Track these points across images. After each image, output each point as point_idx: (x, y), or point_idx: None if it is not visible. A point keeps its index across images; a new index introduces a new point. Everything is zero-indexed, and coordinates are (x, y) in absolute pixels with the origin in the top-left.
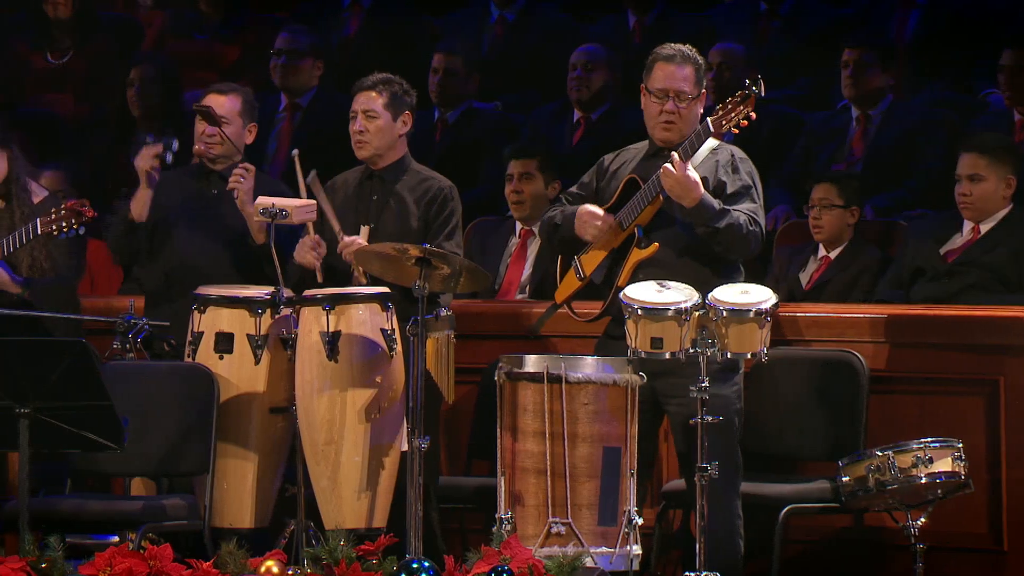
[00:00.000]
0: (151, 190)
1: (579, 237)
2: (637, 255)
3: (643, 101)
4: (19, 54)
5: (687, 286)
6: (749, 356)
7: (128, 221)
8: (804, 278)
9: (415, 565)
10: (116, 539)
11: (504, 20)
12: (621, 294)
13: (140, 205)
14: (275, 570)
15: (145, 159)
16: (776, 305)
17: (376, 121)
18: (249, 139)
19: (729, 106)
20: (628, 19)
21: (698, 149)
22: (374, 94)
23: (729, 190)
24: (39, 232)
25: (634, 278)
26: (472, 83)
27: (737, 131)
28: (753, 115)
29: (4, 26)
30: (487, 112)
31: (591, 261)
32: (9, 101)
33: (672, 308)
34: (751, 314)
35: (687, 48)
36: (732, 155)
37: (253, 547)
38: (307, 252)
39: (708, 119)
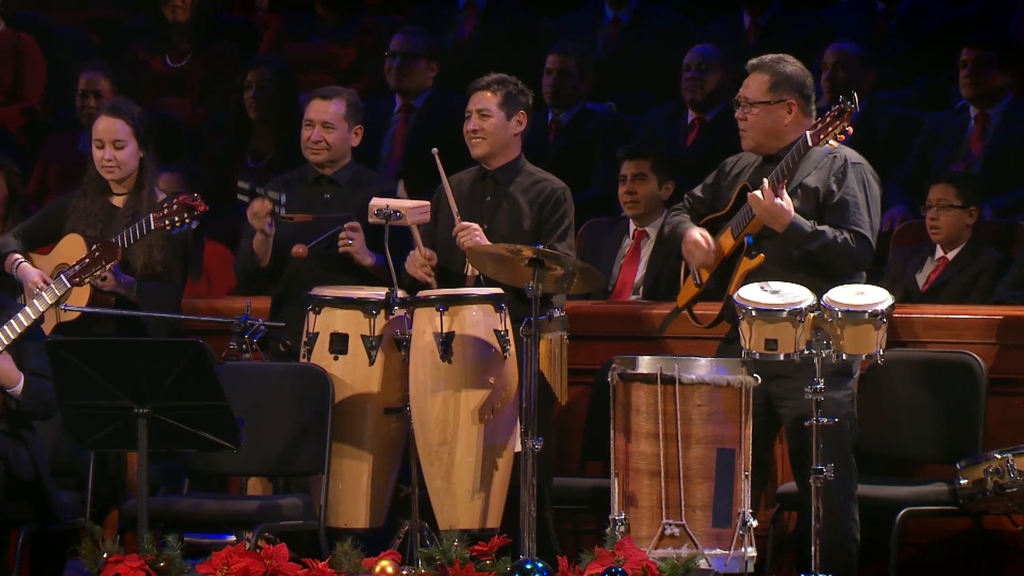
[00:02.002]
0: (270, 239)
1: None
2: (746, 265)
3: None
4: (138, 58)
5: (801, 287)
6: (865, 358)
7: (254, 262)
8: (921, 279)
9: (529, 566)
10: (233, 538)
11: (618, 21)
12: (735, 295)
13: (262, 250)
14: (389, 570)
15: (258, 219)
16: (892, 306)
17: (490, 119)
18: (355, 141)
19: (827, 119)
20: (743, 19)
21: (796, 167)
22: (489, 93)
23: (833, 200)
24: (152, 227)
25: (744, 286)
26: (586, 84)
27: (835, 144)
28: (850, 130)
29: (124, 30)
30: (601, 113)
31: (707, 271)
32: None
33: (787, 309)
34: (866, 315)
35: (770, 57)
36: (845, 160)
37: (368, 547)
38: (418, 268)
39: (807, 133)
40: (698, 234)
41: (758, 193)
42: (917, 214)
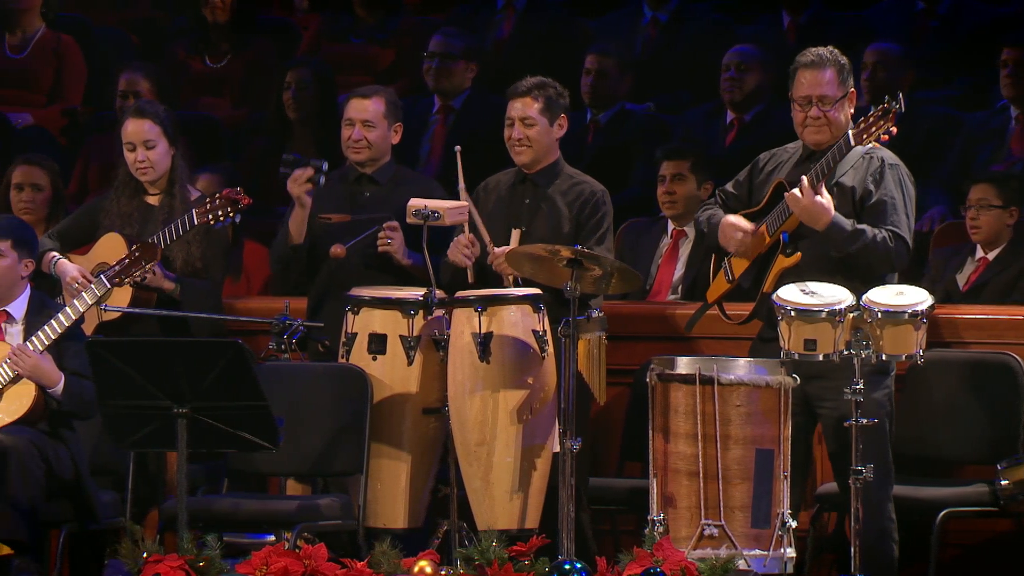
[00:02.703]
0: (306, 211)
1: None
2: (781, 263)
3: (792, 109)
4: (178, 58)
5: (841, 288)
6: (904, 358)
7: (289, 244)
8: (961, 279)
9: (567, 566)
10: (272, 538)
11: (657, 21)
12: (774, 295)
13: (297, 226)
14: (428, 570)
15: (298, 184)
16: (932, 307)
17: (534, 128)
18: (395, 139)
19: (870, 120)
20: (782, 19)
21: (835, 166)
22: (530, 100)
23: (871, 201)
24: (195, 222)
25: (779, 284)
26: (625, 84)
27: (878, 144)
28: (894, 130)
29: (164, 31)
30: (639, 113)
31: (740, 264)
32: (167, 104)
33: (826, 310)
34: (906, 316)
35: (826, 51)
36: (882, 161)
37: (406, 547)
38: (460, 251)
39: (849, 132)
40: (734, 217)
41: (796, 192)
42: (957, 214)
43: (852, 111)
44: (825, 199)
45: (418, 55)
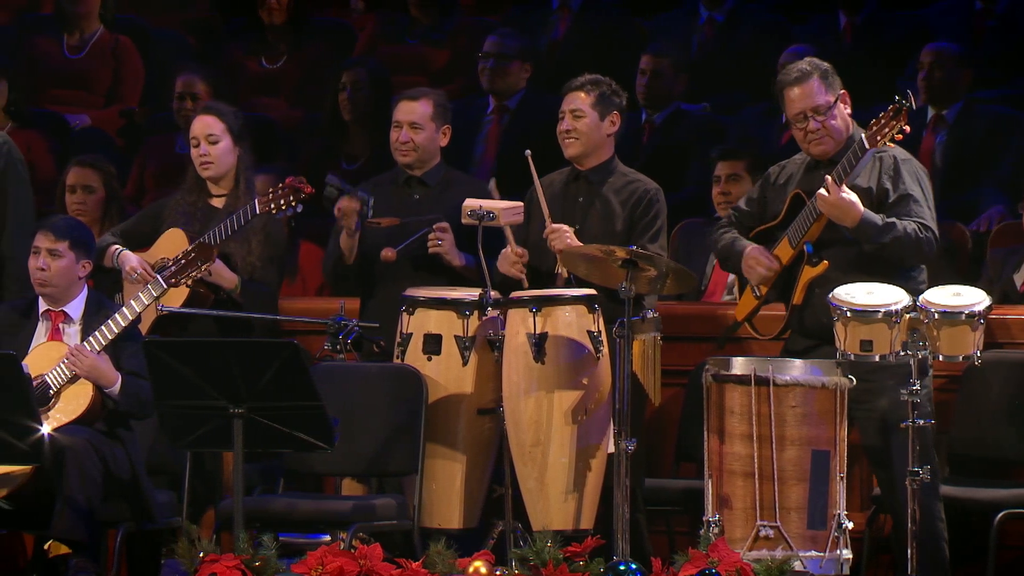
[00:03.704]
0: (355, 237)
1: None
2: (808, 273)
3: (792, 129)
4: (235, 59)
5: (897, 288)
6: (961, 359)
7: (342, 264)
8: (1019, 280)
9: (622, 567)
10: (327, 538)
11: (713, 21)
12: (829, 296)
13: (349, 248)
14: (483, 571)
15: (346, 216)
16: (990, 307)
17: (583, 119)
18: (443, 142)
19: (882, 121)
20: (838, 19)
21: (855, 166)
22: (582, 94)
23: (892, 197)
24: (258, 212)
25: (809, 295)
26: (680, 84)
27: (893, 144)
28: (907, 128)
29: (221, 32)
30: (695, 113)
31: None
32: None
33: (883, 310)
34: (963, 316)
35: (804, 63)
36: (894, 159)
37: (461, 547)
38: (510, 266)
39: (863, 135)
40: (757, 251)
41: (823, 190)
42: (1015, 214)
43: (849, 110)
44: (852, 195)
45: (473, 55)
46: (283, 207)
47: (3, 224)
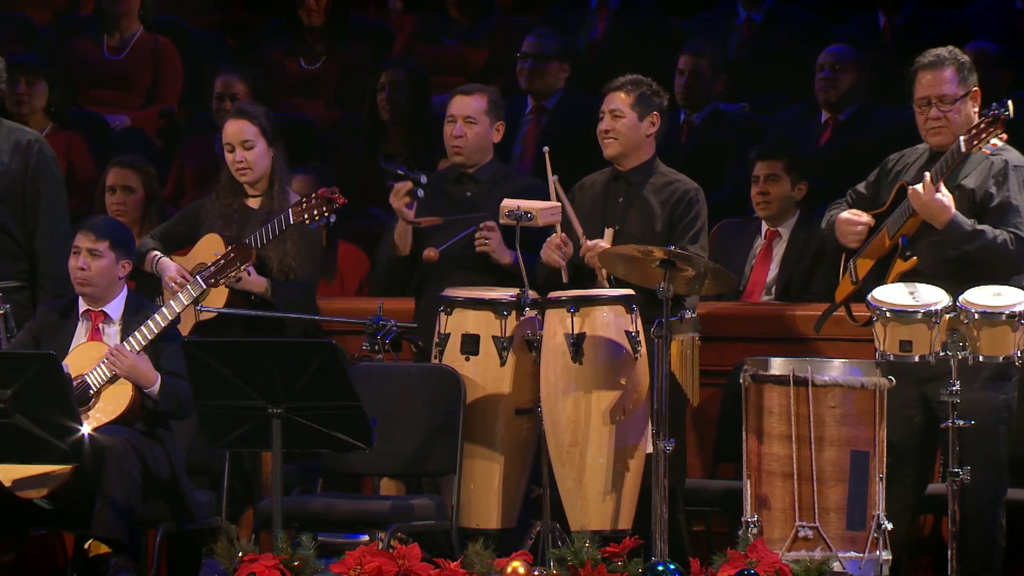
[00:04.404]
0: (410, 225)
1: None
2: (899, 266)
3: (915, 113)
4: (273, 60)
5: (938, 289)
6: (1001, 360)
7: (394, 256)
8: None
9: (660, 568)
10: (366, 538)
11: (751, 21)
12: (869, 296)
13: (402, 239)
14: (521, 571)
15: (397, 198)
16: None
17: (622, 120)
18: (496, 138)
19: (980, 127)
20: (878, 19)
21: (952, 168)
22: (622, 94)
23: (993, 202)
24: (291, 222)
25: None
26: (718, 84)
27: (987, 151)
28: (1004, 136)
29: (259, 32)
30: (733, 113)
31: (863, 266)
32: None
33: (921, 311)
34: (1003, 316)
35: (945, 50)
36: (1005, 163)
37: (499, 547)
38: (553, 251)
39: (961, 139)
40: (849, 212)
41: (918, 187)
42: None
43: (977, 110)
44: (945, 197)
45: (511, 56)
46: (316, 217)
47: (36, 223)
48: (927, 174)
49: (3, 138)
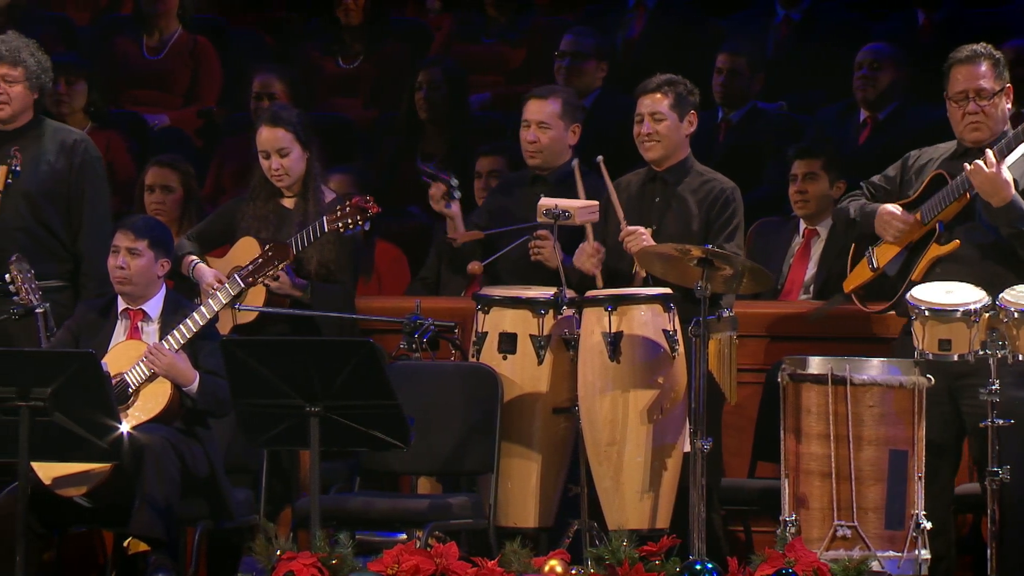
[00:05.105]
0: (457, 220)
1: (877, 234)
2: (936, 250)
3: (948, 108)
4: (311, 59)
5: (977, 287)
6: None
7: (451, 248)
8: None
9: (698, 566)
10: (403, 537)
11: (789, 20)
12: (908, 295)
13: (454, 232)
14: (559, 570)
15: (435, 203)
16: None
17: (664, 123)
18: (572, 140)
19: None
20: (917, 16)
21: (1014, 149)
22: (659, 96)
23: None
24: (326, 230)
25: (930, 273)
26: (756, 83)
27: None
28: None
29: (297, 32)
30: (771, 112)
31: (886, 253)
32: (301, 106)
33: (960, 309)
34: None
35: (980, 46)
36: None
37: (537, 546)
38: (586, 259)
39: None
40: (893, 207)
41: (980, 162)
42: None
43: (1011, 107)
44: (1008, 174)
45: (549, 55)
46: (350, 225)
47: (80, 223)
48: (989, 151)
49: (49, 138)
